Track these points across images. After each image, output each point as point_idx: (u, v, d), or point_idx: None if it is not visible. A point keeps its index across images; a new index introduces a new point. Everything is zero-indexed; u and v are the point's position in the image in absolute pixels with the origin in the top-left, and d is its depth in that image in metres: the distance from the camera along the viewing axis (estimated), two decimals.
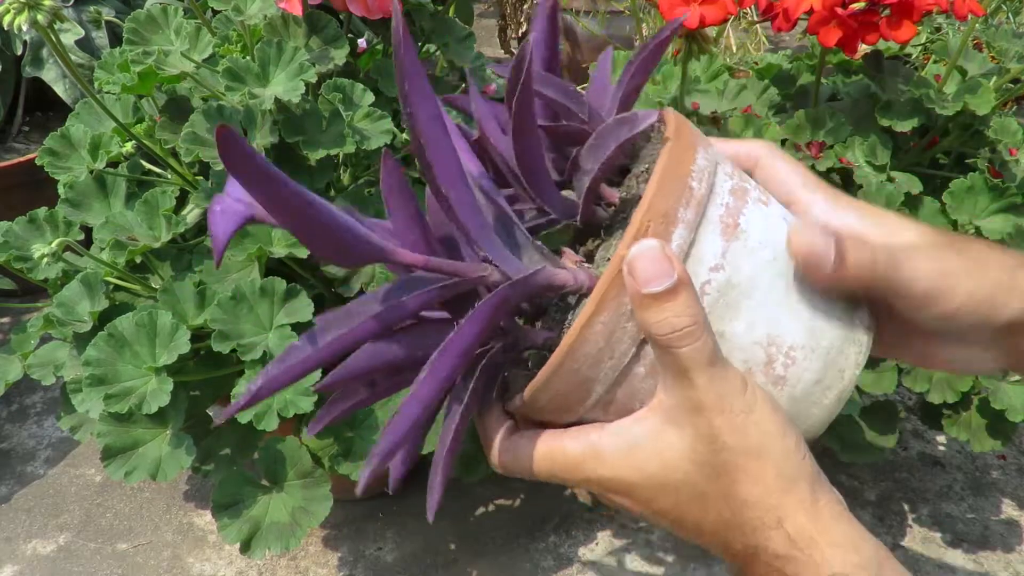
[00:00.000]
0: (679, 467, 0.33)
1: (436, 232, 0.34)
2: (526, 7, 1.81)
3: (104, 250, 0.74)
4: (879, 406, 0.83)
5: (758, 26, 1.86)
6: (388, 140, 0.76)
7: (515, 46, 1.87)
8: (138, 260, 0.77)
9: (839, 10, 0.68)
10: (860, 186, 0.79)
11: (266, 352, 0.68)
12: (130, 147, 0.82)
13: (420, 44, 0.89)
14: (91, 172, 0.80)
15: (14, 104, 1.35)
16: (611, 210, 0.37)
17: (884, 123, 0.81)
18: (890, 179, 0.81)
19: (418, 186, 0.67)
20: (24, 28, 0.64)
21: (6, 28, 0.64)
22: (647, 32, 1.65)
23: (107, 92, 0.82)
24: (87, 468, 1.05)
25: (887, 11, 0.70)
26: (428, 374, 0.31)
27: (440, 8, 0.89)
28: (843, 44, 0.70)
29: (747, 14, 1.74)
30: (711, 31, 0.78)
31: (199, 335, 0.71)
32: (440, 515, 0.97)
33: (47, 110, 1.40)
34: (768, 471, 0.32)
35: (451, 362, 0.31)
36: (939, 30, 1.52)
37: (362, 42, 0.95)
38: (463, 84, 0.91)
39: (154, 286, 0.78)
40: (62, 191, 0.80)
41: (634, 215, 0.33)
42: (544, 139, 0.38)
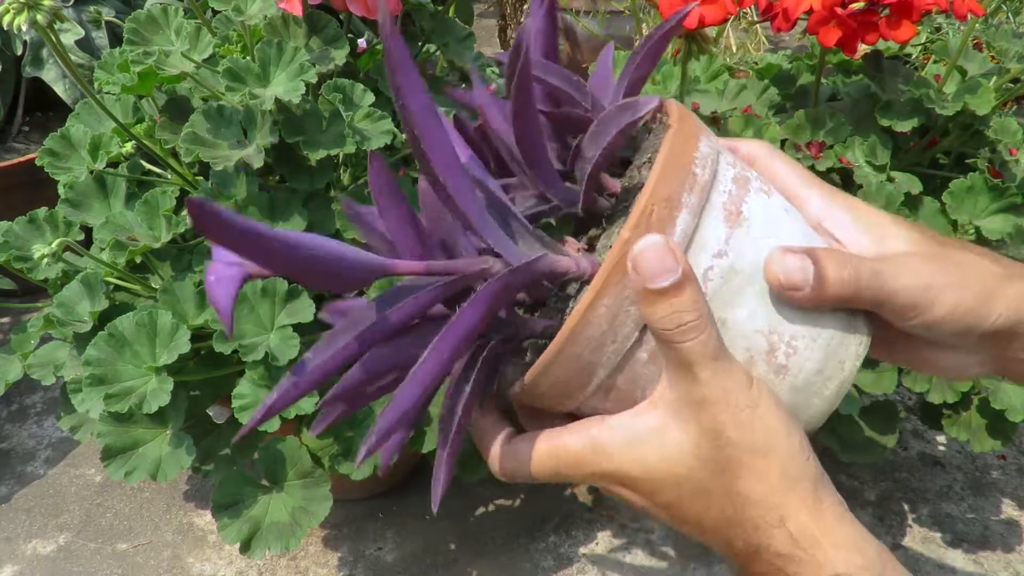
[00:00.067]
0: (682, 462, 0.33)
1: (431, 227, 0.34)
2: (526, 7, 1.81)
3: (104, 250, 0.74)
4: (879, 406, 0.83)
5: (758, 26, 1.86)
6: (388, 140, 0.76)
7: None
8: (138, 260, 0.77)
9: (839, 10, 0.68)
10: (860, 186, 0.79)
11: (268, 353, 0.68)
12: (130, 147, 0.82)
13: (420, 44, 0.89)
14: (91, 172, 0.80)
15: (14, 104, 1.34)
16: (612, 200, 0.37)
17: (884, 123, 0.81)
18: (890, 179, 0.80)
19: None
20: (24, 28, 0.64)
21: (6, 28, 0.64)
22: (647, 32, 1.65)
23: (107, 92, 0.82)
24: (87, 468, 1.05)
25: (887, 11, 0.70)
26: (428, 356, 0.31)
27: (440, 8, 0.89)
28: (843, 44, 0.70)
29: (747, 14, 1.74)
30: (711, 31, 0.78)
31: (199, 335, 0.71)
32: (440, 515, 0.98)
33: (47, 110, 1.40)
34: (772, 469, 0.32)
35: (451, 345, 0.31)
36: (939, 30, 1.52)
37: (362, 42, 0.95)
38: (463, 85, 0.91)
39: (154, 286, 0.78)
40: (62, 191, 0.80)
41: (638, 199, 0.33)
42: (546, 127, 0.38)
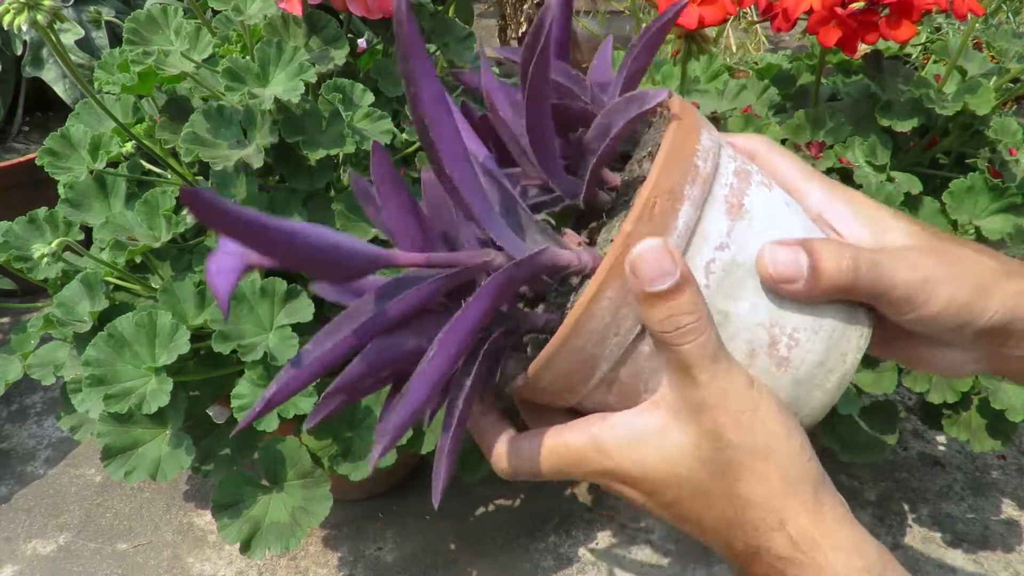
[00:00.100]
0: (682, 463, 0.33)
1: (432, 218, 0.34)
2: (526, 7, 1.81)
3: (104, 250, 0.74)
4: (879, 406, 0.83)
5: (758, 26, 1.86)
6: (388, 140, 0.76)
7: (515, 46, 1.87)
8: (138, 260, 0.77)
9: (839, 10, 0.68)
10: (860, 186, 0.79)
11: (267, 353, 0.68)
12: (130, 147, 0.82)
13: None
14: (91, 172, 0.80)
15: (14, 104, 1.34)
16: (613, 194, 0.37)
17: (884, 123, 0.81)
18: (890, 179, 0.81)
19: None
20: (24, 28, 0.64)
21: (6, 28, 0.64)
22: None
23: (107, 92, 0.82)
24: (87, 468, 1.05)
25: (886, 11, 0.70)
26: (436, 352, 0.30)
27: (440, 8, 0.89)
28: (843, 44, 0.70)
29: (747, 14, 1.74)
30: (711, 31, 0.78)
31: (199, 335, 0.71)
32: (440, 515, 0.97)
33: (47, 110, 1.40)
34: (773, 472, 0.32)
35: (458, 340, 0.31)
36: (939, 30, 1.52)
37: (362, 42, 0.95)
38: (461, 87, 0.91)
39: (154, 286, 0.78)
40: (62, 191, 0.80)
41: (640, 191, 0.33)
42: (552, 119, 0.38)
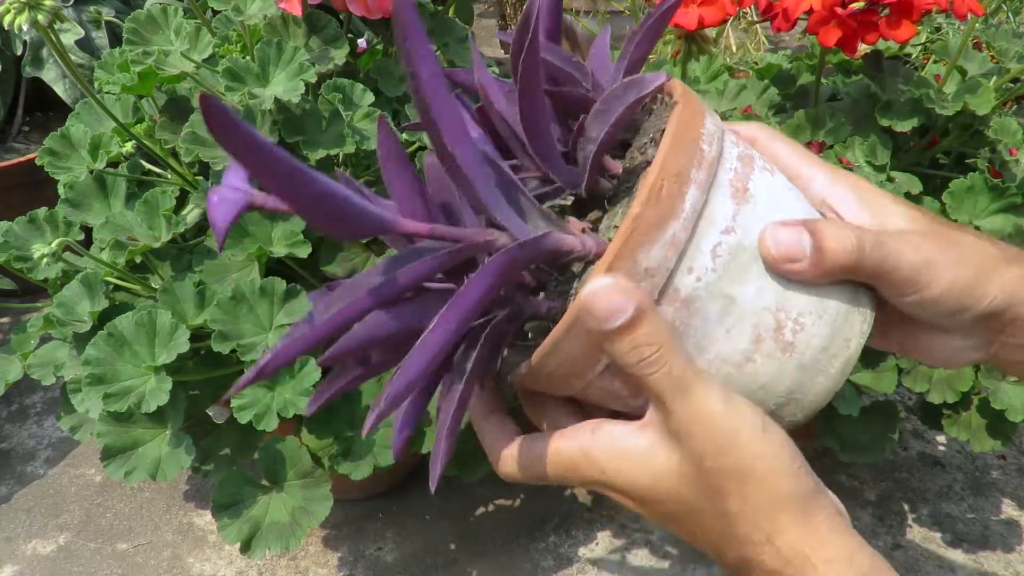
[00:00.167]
0: (669, 483, 0.34)
1: (435, 200, 0.34)
2: (526, 7, 1.81)
3: (104, 250, 0.74)
4: (879, 406, 0.83)
5: (758, 26, 1.86)
6: None
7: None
8: (138, 260, 0.77)
9: (839, 10, 0.68)
10: None
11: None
12: (130, 147, 0.82)
13: None
14: (91, 172, 0.80)
15: (14, 104, 1.34)
16: (614, 182, 0.37)
17: (884, 123, 0.81)
18: (890, 179, 0.81)
19: None
20: (24, 28, 0.64)
21: (6, 28, 0.64)
22: None
23: (107, 92, 0.82)
24: (87, 468, 1.05)
25: (886, 11, 0.70)
26: (437, 324, 0.30)
27: (440, 8, 0.89)
28: (843, 44, 0.70)
29: (747, 14, 1.74)
30: (710, 31, 0.78)
31: (199, 335, 0.71)
32: (440, 515, 0.98)
33: (47, 110, 1.40)
34: (758, 491, 0.32)
35: (460, 313, 0.30)
36: (939, 30, 1.52)
37: (362, 42, 0.95)
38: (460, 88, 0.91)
39: (154, 286, 0.78)
40: (62, 191, 0.80)
41: (647, 174, 0.33)
42: (547, 107, 0.37)
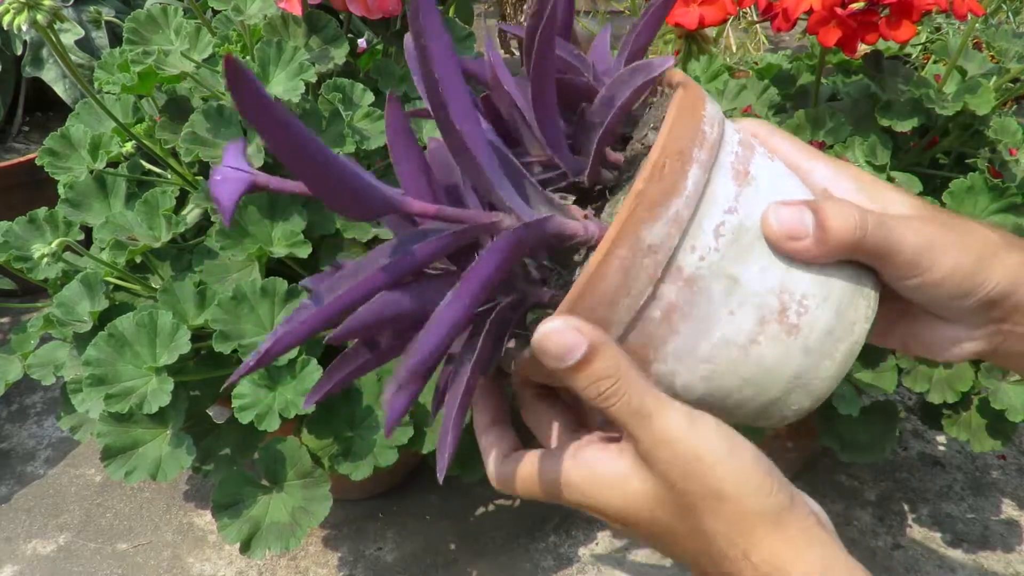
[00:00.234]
0: (645, 506, 0.34)
1: (440, 185, 0.34)
2: (526, 7, 1.81)
3: (104, 250, 0.74)
4: (879, 406, 0.83)
5: (758, 26, 1.85)
6: None
7: (515, 46, 1.87)
8: (138, 260, 0.77)
9: (838, 10, 0.68)
10: None
11: None
12: (130, 147, 0.82)
13: None
14: (91, 172, 0.80)
15: (14, 104, 1.34)
16: (615, 173, 0.37)
17: (884, 123, 0.81)
18: (890, 179, 0.80)
19: None
20: (24, 28, 0.64)
21: (6, 28, 0.64)
22: None
23: (107, 92, 0.82)
24: (87, 468, 1.05)
25: (886, 11, 0.70)
26: (450, 301, 0.30)
27: (440, 8, 0.89)
28: (843, 44, 0.70)
29: (747, 14, 1.74)
30: (711, 31, 0.78)
31: (199, 335, 0.71)
32: (440, 515, 0.98)
33: (47, 110, 1.40)
34: (730, 510, 0.33)
35: (472, 291, 0.30)
36: (939, 30, 1.52)
37: (362, 42, 0.95)
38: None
39: (154, 286, 0.78)
40: (62, 191, 0.80)
41: (649, 154, 0.33)
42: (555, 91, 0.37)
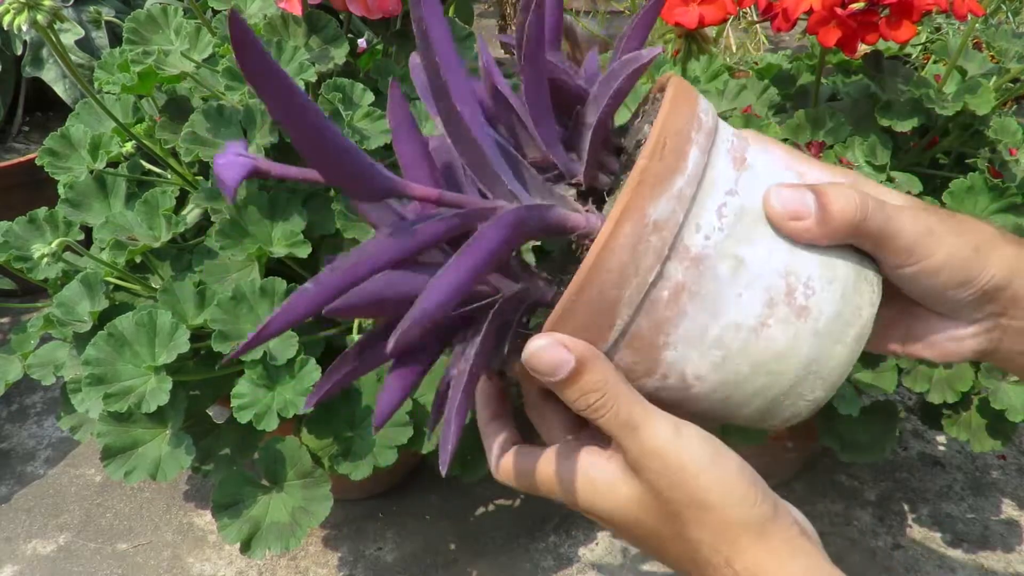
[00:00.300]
0: (632, 511, 0.35)
1: (442, 178, 0.34)
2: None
3: (104, 250, 0.74)
4: (879, 406, 0.83)
5: (758, 26, 1.85)
6: (388, 140, 0.76)
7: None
8: (138, 260, 0.77)
9: (838, 10, 0.68)
10: None
11: (266, 352, 0.68)
12: (130, 147, 0.82)
13: None
14: (91, 172, 0.80)
15: (14, 104, 1.34)
16: (612, 177, 0.37)
17: (884, 123, 0.81)
18: (890, 179, 0.80)
19: None
20: (24, 28, 0.64)
21: (6, 28, 0.64)
22: None
23: (107, 92, 0.82)
24: (87, 468, 1.05)
25: (886, 11, 0.69)
26: (454, 262, 0.29)
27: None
28: (843, 44, 0.70)
29: (747, 14, 1.74)
30: (710, 31, 0.78)
31: (199, 335, 0.71)
32: (440, 515, 0.97)
33: (47, 110, 1.40)
34: (714, 520, 0.33)
35: (474, 258, 0.29)
36: (939, 30, 1.52)
37: (362, 42, 0.95)
38: None
39: (154, 286, 0.78)
40: (62, 191, 0.80)
41: (650, 134, 0.33)
42: (548, 89, 0.37)
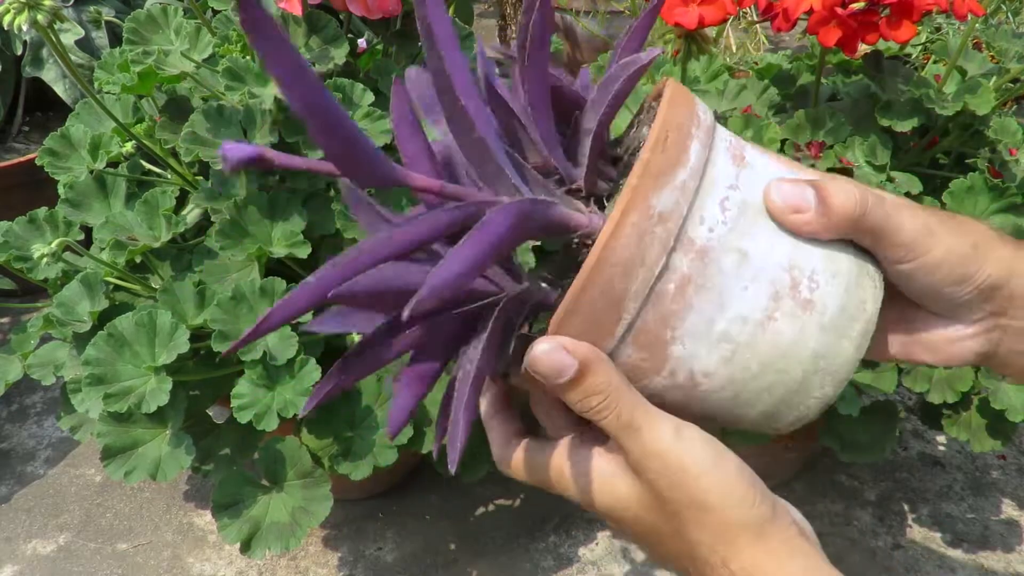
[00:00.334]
0: (631, 508, 0.36)
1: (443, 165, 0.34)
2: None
3: (104, 250, 0.74)
4: (879, 406, 0.83)
5: (758, 26, 1.85)
6: (388, 140, 0.76)
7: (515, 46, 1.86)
8: (138, 260, 0.77)
9: (839, 10, 0.68)
10: None
11: (266, 352, 0.68)
12: (130, 147, 0.82)
13: (420, 44, 0.88)
14: (91, 172, 0.80)
15: (14, 104, 1.34)
16: (611, 184, 0.37)
17: (884, 123, 0.81)
18: (890, 179, 0.80)
19: None
20: (24, 28, 0.64)
21: (6, 28, 0.64)
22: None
23: (107, 92, 0.82)
24: (87, 468, 1.05)
25: (887, 11, 0.69)
26: (463, 244, 0.29)
27: None
28: (843, 44, 0.70)
29: (747, 14, 1.74)
30: (710, 31, 0.78)
31: (199, 335, 0.71)
32: (440, 515, 0.97)
33: (47, 110, 1.40)
34: (713, 521, 0.34)
35: (483, 242, 0.29)
36: (939, 30, 1.52)
37: (362, 42, 0.95)
38: None
39: (154, 286, 0.78)
40: (62, 191, 0.80)
41: (651, 130, 0.33)
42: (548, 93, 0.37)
